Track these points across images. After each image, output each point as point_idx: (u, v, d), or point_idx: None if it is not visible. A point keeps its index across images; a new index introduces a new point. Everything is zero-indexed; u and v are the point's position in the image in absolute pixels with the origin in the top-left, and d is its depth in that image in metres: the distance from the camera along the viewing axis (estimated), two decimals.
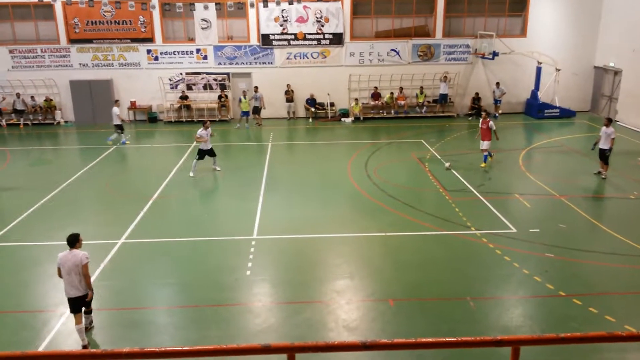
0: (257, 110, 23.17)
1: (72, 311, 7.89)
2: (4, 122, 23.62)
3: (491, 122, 16.11)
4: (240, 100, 22.86)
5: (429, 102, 24.82)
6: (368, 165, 17.04)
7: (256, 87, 23.45)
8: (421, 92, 24.52)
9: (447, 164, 16.29)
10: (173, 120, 24.06)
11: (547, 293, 9.23)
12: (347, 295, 9.26)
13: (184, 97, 24.13)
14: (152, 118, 24.28)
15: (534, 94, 24.38)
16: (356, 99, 24.05)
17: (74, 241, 7.87)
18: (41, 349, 7.80)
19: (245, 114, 22.85)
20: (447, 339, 3.03)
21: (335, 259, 10.69)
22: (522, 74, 24.80)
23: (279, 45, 23.95)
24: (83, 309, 7.97)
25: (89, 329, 8.21)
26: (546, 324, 8.40)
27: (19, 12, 23.61)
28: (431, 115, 24.69)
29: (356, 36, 24.40)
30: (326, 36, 23.93)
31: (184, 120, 24.19)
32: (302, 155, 19.35)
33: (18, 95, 23.39)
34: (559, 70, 23.82)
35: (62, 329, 8.33)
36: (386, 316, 8.65)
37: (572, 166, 17.05)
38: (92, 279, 9.71)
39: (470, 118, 24.46)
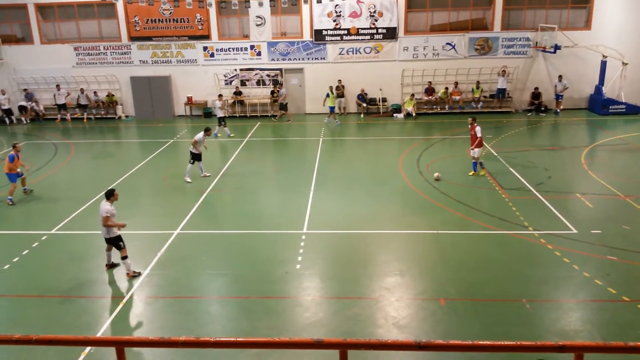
0: (283, 107, 23.48)
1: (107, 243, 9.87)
2: (68, 116, 24.85)
3: (478, 128, 14.57)
4: (327, 96, 22.72)
5: (485, 97, 24.10)
6: (420, 161, 16.75)
7: (280, 85, 23.70)
8: (477, 87, 23.84)
9: (435, 174, 14.82)
10: (227, 115, 24.51)
11: (609, 297, 8.76)
12: (397, 293, 9.14)
13: (237, 93, 24.56)
14: (207, 113, 24.89)
15: (598, 89, 23.16)
16: (412, 95, 23.65)
17: (108, 195, 9.69)
18: (100, 334, 8.15)
19: (332, 109, 22.71)
20: (505, 343, 2.91)
21: (386, 255, 10.58)
22: (585, 69, 23.62)
23: (331, 40, 23.93)
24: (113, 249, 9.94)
25: (114, 266, 10.17)
26: (607, 330, 7.97)
27: (83, 11, 24.74)
28: (488, 111, 23.96)
29: (410, 30, 24.00)
30: (379, 31, 23.68)
31: (238, 115, 24.64)
32: (353, 151, 19.26)
33: (82, 90, 24.56)
34: (625, 64, 22.52)
35: (120, 315, 8.67)
36: (437, 315, 8.47)
37: (638, 165, 16.09)
38: (150, 266, 10.09)
39: (529, 114, 23.57)
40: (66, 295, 9.31)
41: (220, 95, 21.69)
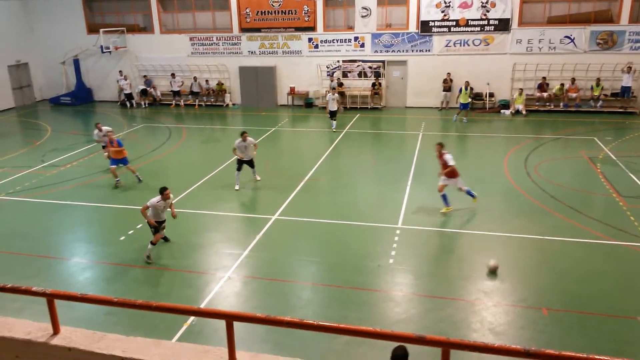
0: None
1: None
2: (182, 103, 26.54)
3: (448, 156, 11.88)
4: (460, 91, 21.64)
5: (605, 95, 22.11)
6: (528, 161, 15.80)
7: (333, 77, 24.00)
8: (597, 85, 21.93)
9: (491, 262, 9.52)
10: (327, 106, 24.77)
11: None
12: (495, 298, 8.72)
13: (339, 84, 24.70)
14: (308, 103, 25.34)
15: None
16: (520, 89, 22.32)
17: (160, 192, 10.27)
18: (202, 307, 8.64)
19: (465, 106, 21.14)
20: None
21: (485, 258, 10.08)
22: None
23: (438, 32, 23.23)
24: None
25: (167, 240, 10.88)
26: None
27: (199, 3, 26.19)
28: (608, 111, 21.99)
29: (525, 22, 22.61)
30: (491, 22, 22.58)
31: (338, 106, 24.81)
32: (454, 147, 18.53)
33: (195, 78, 26.08)
34: None
35: (220, 291, 9.14)
36: (538, 325, 7.97)
37: None
38: (249, 248, 10.52)
39: None
40: (173, 268, 9.99)
41: (333, 89, 21.83)
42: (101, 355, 3.15)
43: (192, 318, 8.06)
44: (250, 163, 14.31)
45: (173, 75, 26.10)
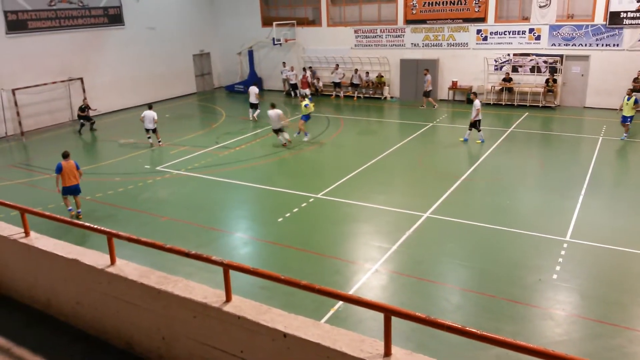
0: (426, 94, 23.52)
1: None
2: (342, 94, 27.21)
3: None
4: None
5: None
6: None
7: (426, 70, 23.58)
8: None
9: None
10: (491, 102, 23.44)
11: None
12: None
13: (507, 80, 23.17)
14: (470, 99, 24.16)
15: None
16: None
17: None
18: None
19: (625, 119, 17.45)
20: None
21: None
22: None
23: (631, 24, 20.41)
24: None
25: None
26: None
27: None
28: None
29: None
30: None
31: (503, 103, 23.28)
32: (638, 155, 16.28)
33: (356, 70, 26.51)
34: None
35: (366, 282, 9.18)
36: None
37: None
38: (397, 243, 10.40)
39: None
40: (323, 254, 10.30)
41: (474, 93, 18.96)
42: (265, 328, 3.32)
43: (339, 303, 8.22)
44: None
45: (337, 66, 26.86)
